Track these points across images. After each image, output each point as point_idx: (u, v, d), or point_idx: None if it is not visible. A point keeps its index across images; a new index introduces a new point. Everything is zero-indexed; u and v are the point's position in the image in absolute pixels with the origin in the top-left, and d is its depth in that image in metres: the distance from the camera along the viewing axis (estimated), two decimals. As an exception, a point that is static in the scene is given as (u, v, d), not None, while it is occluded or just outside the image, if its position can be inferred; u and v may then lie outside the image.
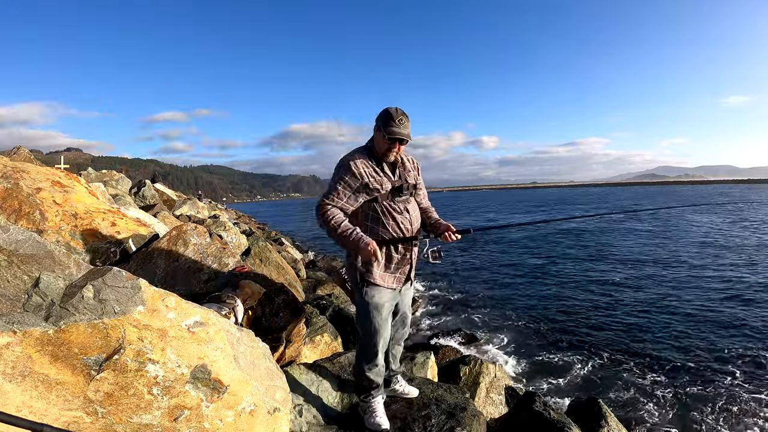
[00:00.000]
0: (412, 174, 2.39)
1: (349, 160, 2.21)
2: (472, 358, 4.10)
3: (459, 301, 9.25)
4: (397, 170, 2.32)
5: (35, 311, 1.23)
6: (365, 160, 2.23)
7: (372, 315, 2.25)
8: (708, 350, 6.06)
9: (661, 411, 4.70)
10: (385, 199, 2.27)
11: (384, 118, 2.19)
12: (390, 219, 2.27)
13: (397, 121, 2.16)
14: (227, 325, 1.56)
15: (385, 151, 2.21)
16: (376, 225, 2.28)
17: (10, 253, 1.29)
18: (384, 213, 2.27)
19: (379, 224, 2.27)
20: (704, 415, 4.60)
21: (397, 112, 2.18)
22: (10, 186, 3.30)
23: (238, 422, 1.50)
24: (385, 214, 2.27)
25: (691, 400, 4.86)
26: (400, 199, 2.30)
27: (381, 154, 2.24)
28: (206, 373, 1.44)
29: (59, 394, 1.21)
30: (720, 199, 41.53)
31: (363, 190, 2.22)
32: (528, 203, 56.97)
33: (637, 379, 5.37)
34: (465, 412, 2.43)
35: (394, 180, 2.30)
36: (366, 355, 2.33)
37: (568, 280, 10.61)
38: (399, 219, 2.28)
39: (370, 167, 2.23)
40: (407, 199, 2.34)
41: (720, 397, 4.86)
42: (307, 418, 2.31)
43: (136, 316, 1.33)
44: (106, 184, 8.69)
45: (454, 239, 2.35)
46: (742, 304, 8.08)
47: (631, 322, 7.30)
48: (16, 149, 7.29)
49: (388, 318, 2.31)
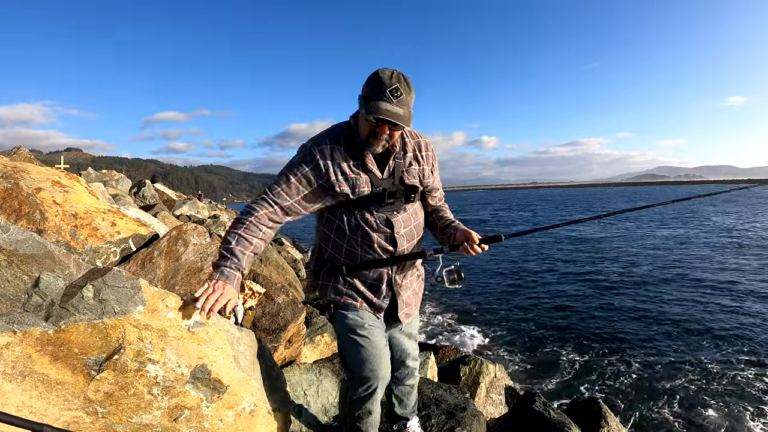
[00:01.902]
0: (416, 170, 1.67)
1: (314, 145, 1.57)
2: (472, 358, 4.10)
3: (459, 301, 9.25)
4: (390, 164, 1.62)
5: (35, 311, 1.23)
6: (338, 148, 1.57)
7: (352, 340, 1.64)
8: (708, 351, 6.06)
9: (661, 411, 4.70)
10: (358, 208, 1.60)
11: (371, 87, 1.46)
12: (358, 237, 1.62)
13: (390, 93, 1.43)
14: (227, 325, 1.56)
15: (367, 137, 1.53)
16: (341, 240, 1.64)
17: (10, 253, 1.29)
18: (350, 227, 1.61)
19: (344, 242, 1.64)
20: (704, 414, 4.60)
21: (393, 78, 1.44)
22: (10, 186, 3.30)
23: (238, 422, 1.50)
24: (353, 229, 1.61)
25: (691, 400, 4.86)
26: (383, 209, 1.62)
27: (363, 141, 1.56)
28: (206, 373, 1.44)
29: (59, 394, 1.21)
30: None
31: (326, 193, 1.58)
32: (532, 203, 56.98)
33: (637, 379, 5.37)
34: (465, 412, 2.43)
35: (382, 179, 1.61)
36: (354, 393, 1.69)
37: (569, 281, 10.61)
38: (374, 238, 1.61)
39: (342, 159, 1.56)
40: (398, 207, 1.65)
41: (720, 397, 4.85)
42: (307, 418, 2.31)
43: (136, 316, 1.33)
44: (106, 184, 8.70)
45: (479, 251, 1.67)
46: (743, 304, 8.07)
47: (631, 323, 7.30)
48: (16, 149, 7.29)
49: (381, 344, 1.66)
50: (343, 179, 1.57)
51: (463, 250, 1.68)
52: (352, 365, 1.67)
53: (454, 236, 1.73)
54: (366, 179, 1.59)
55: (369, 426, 1.76)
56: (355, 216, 1.61)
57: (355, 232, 1.61)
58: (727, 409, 4.65)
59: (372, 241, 1.61)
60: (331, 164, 1.56)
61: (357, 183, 1.58)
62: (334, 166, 1.56)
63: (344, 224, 1.62)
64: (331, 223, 1.66)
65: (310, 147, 1.58)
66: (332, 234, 1.65)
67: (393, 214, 1.64)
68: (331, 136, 1.59)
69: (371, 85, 1.47)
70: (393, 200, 1.63)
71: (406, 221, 1.68)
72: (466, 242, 1.67)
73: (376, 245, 1.62)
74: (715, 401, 4.81)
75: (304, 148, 1.60)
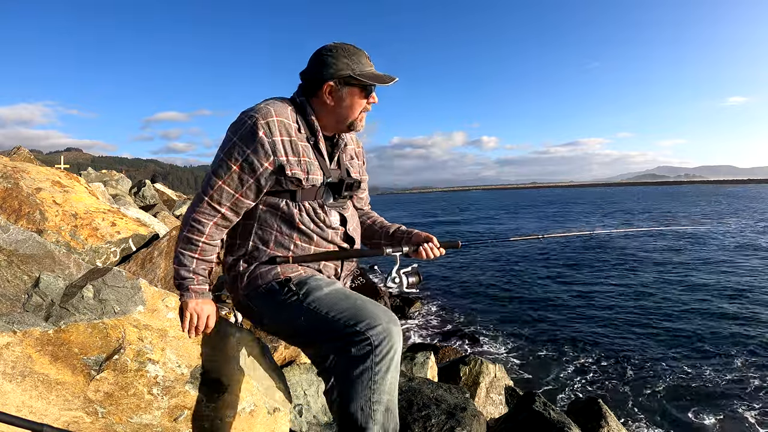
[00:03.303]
0: (357, 164, 1.52)
1: (257, 119, 1.23)
2: (472, 358, 4.10)
3: (459, 301, 9.25)
4: (336, 154, 1.42)
5: (35, 311, 1.23)
6: (286, 122, 1.28)
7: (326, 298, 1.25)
8: (710, 351, 6.06)
9: (661, 411, 4.70)
10: (307, 199, 1.34)
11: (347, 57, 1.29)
12: (306, 236, 1.34)
13: (368, 59, 1.33)
14: (227, 325, 1.56)
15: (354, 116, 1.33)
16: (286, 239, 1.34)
17: (10, 253, 1.29)
18: (300, 224, 1.33)
19: (283, 242, 1.34)
20: (705, 415, 4.60)
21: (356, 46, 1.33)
22: (10, 186, 3.30)
23: (238, 422, 1.50)
24: (302, 227, 1.33)
25: (692, 401, 4.86)
26: (334, 204, 1.41)
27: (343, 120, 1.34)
28: (206, 373, 1.44)
29: (59, 394, 1.21)
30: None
31: (271, 178, 1.28)
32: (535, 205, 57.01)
33: (638, 379, 5.37)
34: (465, 412, 2.43)
35: (331, 168, 1.39)
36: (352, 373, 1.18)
37: (569, 281, 10.61)
38: (330, 236, 1.38)
39: (293, 136, 1.29)
40: (344, 203, 1.45)
41: (721, 398, 4.85)
42: (307, 418, 2.31)
43: (136, 316, 1.34)
44: (106, 184, 8.70)
45: (437, 255, 1.51)
46: (744, 306, 8.07)
47: (631, 323, 7.30)
48: (16, 149, 7.29)
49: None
50: (296, 162, 1.29)
51: (423, 251, 1.50)
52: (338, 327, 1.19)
53: (409, 237, 1.55)
54: (317, 166, 1.35)
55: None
56: (306, 209, 1.33)
57: (302, 233, 1.34)
58: (728, 410, 4.65)
59: (327, 239, 1.37)
60: (281, 142, 1.26)
61: (310, 168, 1.32)
62: (284, 144, 1.26)
63: (293, 219, 1.32)
64: (272, 218, 1.34)
65: (252, 122, 1.23)
66: (274, 231, 1.34)
67: (344, 209, 1.44)
68: (276, 108, 1.27)
69: (345, 56, 1.29)
70: (348, 193, 1.44)
71: (352, 221, 1.48)
72: (427, 243, 1.50)
73: (332, 247, 1.39)
74: (716, 401, 4.81)
75: (241, 124, 1.24)
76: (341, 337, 1.19)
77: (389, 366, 1.17)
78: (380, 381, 1.16)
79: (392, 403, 1.21)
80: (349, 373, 1.17)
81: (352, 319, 1.19)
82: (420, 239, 1.53)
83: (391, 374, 1.19)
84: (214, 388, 1.45)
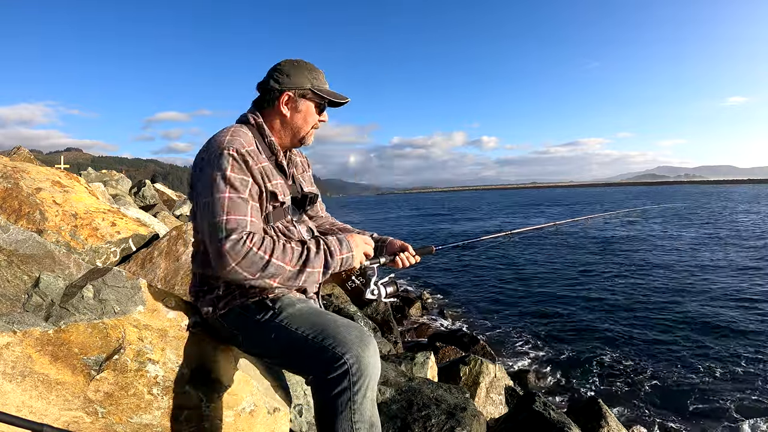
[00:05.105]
0: (307, 175, 1.58)
1: (236, 147, 1.23)
2: (472, 358, 4.10)
3: (459, 301, 9.25)
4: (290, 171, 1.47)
5: (35, 311, 1.23)
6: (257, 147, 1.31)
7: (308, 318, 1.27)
8: (711, 351, 6.06)
9: (661, 411, 4.70)
10: (279, 219, 1.36)
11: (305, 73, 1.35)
12: None
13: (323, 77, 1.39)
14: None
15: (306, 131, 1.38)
16: None
17: (10, 253, 1.29)
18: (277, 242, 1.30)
19: None
20: (706, 415, 4.60)
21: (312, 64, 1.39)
22: (10, 186, 3.30)
23: (238, 422, 1.50)
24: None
25: (692, 400, 4.86)
26: (300, 219, 1.46)
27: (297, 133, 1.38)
28: (206, 373, 1.44)
29: (59, 394, 1.21)
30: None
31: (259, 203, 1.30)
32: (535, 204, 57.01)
33: (638, 379, 5.37)
34: (465, 412, 2.43)
35: (290, 185, 1.44)
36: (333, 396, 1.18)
37: (569, 281, 10.61)
38: None
39: (265, 160, 1.32)
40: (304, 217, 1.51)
41: (722, 398, 4.85)
42: (307, 417, 2.31)
43: (136, 316, 1.34)
44: (106, 184, 8.70)
45: (413, 263, 1.51)
46: (746, 306, 8.06)
47: (631, 323, 7.30)
48: (16, 149, 7.29)
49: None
50: (273, 186, 1.31)
51: (400, 261, 1.48)
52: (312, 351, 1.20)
53: (383, 247, 1.54)
54: (283, 184, 1.38)
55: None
56: (280, 229, 1.35)
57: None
58: (729, 410, 4.65)
59: None
60: (262, 167, 1.29)
61: (282, 189, 1.36)
62: (264, 169, 1.29)
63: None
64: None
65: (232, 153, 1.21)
66: None
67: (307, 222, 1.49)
68: (242, 135, 1.28)
69: (305, 70, 1.35)
70: (310, 207, 1.51)
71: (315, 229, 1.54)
72: (402, 252, 1.50)
73: None
74: (716, 401, 4.81)
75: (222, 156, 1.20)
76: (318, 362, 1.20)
77: (368, 384, 1.18)
78: (360, 401, 1.17)
79: (375, 417, 1.22)
80: (327, 395, 1.18)
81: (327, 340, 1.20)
82: (395, 248, 1.53)
83: (371, 392, 1.20)
84: (214, 388, 1.45)
